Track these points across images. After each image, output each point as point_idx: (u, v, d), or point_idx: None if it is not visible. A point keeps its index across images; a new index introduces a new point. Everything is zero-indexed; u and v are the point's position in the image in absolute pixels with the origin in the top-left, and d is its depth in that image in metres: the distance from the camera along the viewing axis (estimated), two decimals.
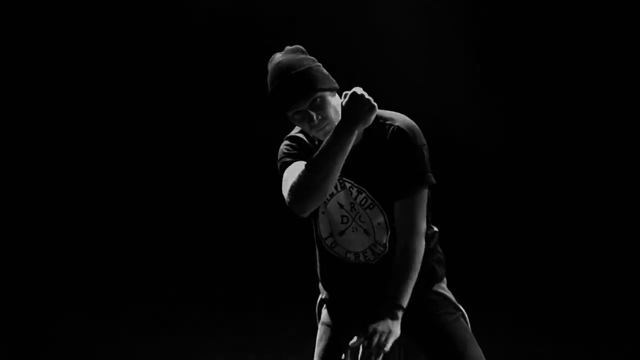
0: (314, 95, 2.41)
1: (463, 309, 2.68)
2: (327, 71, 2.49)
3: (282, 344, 4.91)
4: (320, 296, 2.77)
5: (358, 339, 2.39)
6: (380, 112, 2.51)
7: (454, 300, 2.67)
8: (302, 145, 2.55)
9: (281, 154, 2.56)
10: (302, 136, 2.58)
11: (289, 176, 2.45)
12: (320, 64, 2.49)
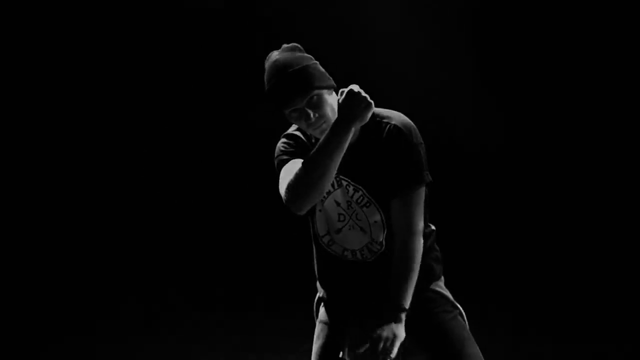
0: (311, 93, 2.41)
1: (460, 307, 2.68)
2: (324, 69, 2.49)
3: (282, 344, 4.90)
4: (318, 294, 2.77)
5: (363, 344, 2.39)
6: (377, 110, 2.51)
7: (452, 298, 2.68)
8: (299, 143, 2.55)
9: (278, 152, 2.56)
10: (299, 134, 2.58)
11: (286, 174, 2.45)
12: (317, 62, 2.49)
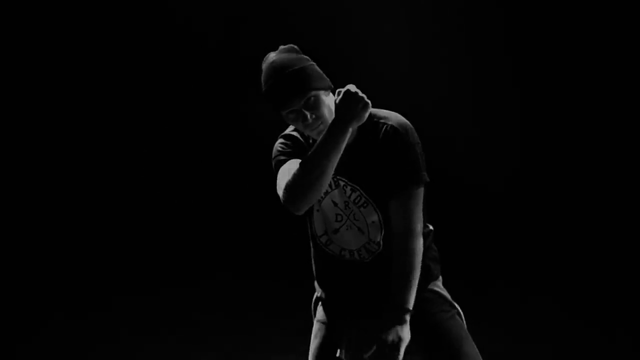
0: (308, 94, 2.41)
1: (458, 307, 2.68)
2: (321, 70, 2.50)
3: (282, 344, 4.90)
4: (316, 294, 2.77)
5: (367, 348, 2.39)
6: (375, 111, 2.51)
7: (450, 298, 2.67)
8: (297, 143, 2.56)
9: (276, 152, 2.56)
10: (297, 134, 2.58)
11: (284, 175, 2.46)
12: (314, 63, 2.49)
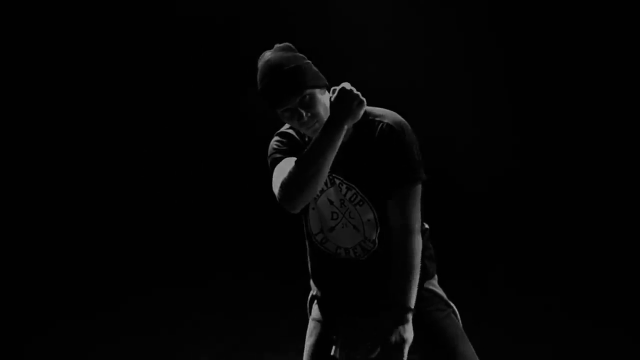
0: (303, 93, 2.41)
1: (454, 306, 2.68)
2: (316, 68, 2.50)
3: (282, 344, 4.91)
4: (311, 292, 2.77)
5: (364, 346, 2.40)
6: (370, 109, 2.52)
7: (445, 297, 2.67)
8: (292, 141, 2.56)
9: (271, 151, 2.56)
10: (292, 132, 2.58)
11: (280, 173, 2.46)
12: (309, 61, 2.49)
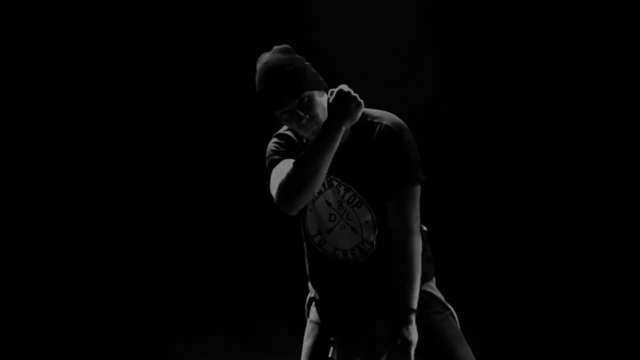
0: (301, 95, 2.41)
1: (452, 308, 2.67)
2: (315, 70, 2.50)
3: (281, 344, 4.91)
4: (310, 294, 2.77)
5: (381, 352, 2.40)
6: (368, 111, 2.52)
7: (443, 299, 2.67)
8: (290, 143, 2.56)
9: (269, 152, 2.57)
10: (291, 134, 2.58)
11: (278, 174, 2.46)
12: (308, 63, 2.50)
